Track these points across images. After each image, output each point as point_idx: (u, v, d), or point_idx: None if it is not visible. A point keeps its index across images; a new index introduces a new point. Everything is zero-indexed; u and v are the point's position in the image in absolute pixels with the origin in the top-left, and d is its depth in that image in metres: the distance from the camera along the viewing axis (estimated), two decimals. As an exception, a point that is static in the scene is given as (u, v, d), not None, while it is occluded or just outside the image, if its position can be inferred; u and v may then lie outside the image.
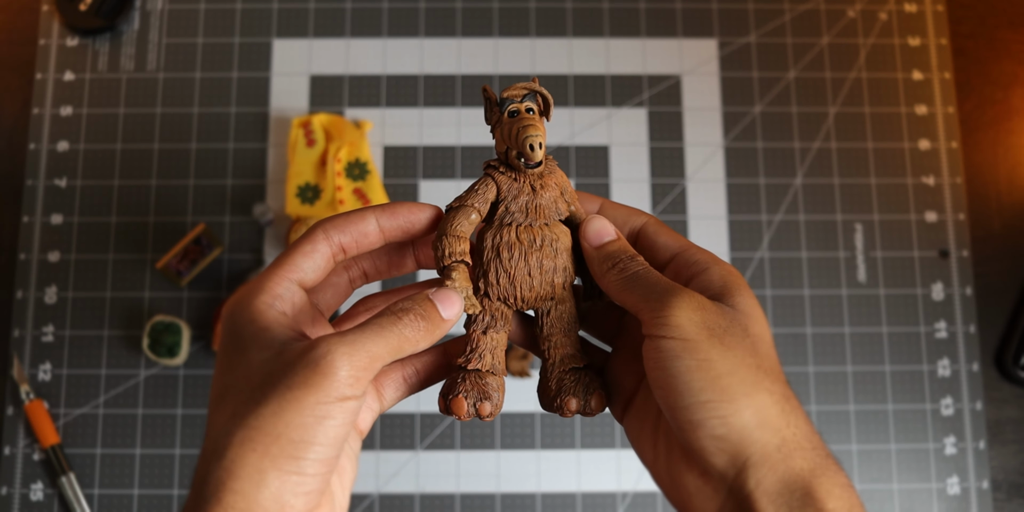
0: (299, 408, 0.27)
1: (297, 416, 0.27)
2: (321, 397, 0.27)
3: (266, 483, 0.27)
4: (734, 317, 0.30)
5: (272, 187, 0.69)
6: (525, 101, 0.33)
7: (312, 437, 0.28)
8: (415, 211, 0.33)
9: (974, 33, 0.73)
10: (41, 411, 0.64)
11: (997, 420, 0.66)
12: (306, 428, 0.27)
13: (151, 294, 0.67)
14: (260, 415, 0.27)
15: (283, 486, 0.27)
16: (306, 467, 0.28)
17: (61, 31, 0.71)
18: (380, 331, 0.29)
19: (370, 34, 0.72)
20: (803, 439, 0.29)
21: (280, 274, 0.31)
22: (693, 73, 0.72)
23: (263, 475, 0.27)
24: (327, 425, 0.28)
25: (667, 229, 0.35)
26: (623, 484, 0.64)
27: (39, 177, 0.69)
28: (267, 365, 0.29)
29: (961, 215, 0.69)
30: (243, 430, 0.27)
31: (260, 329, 0.30)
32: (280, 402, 0.27)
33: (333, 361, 0.28)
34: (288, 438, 0.27)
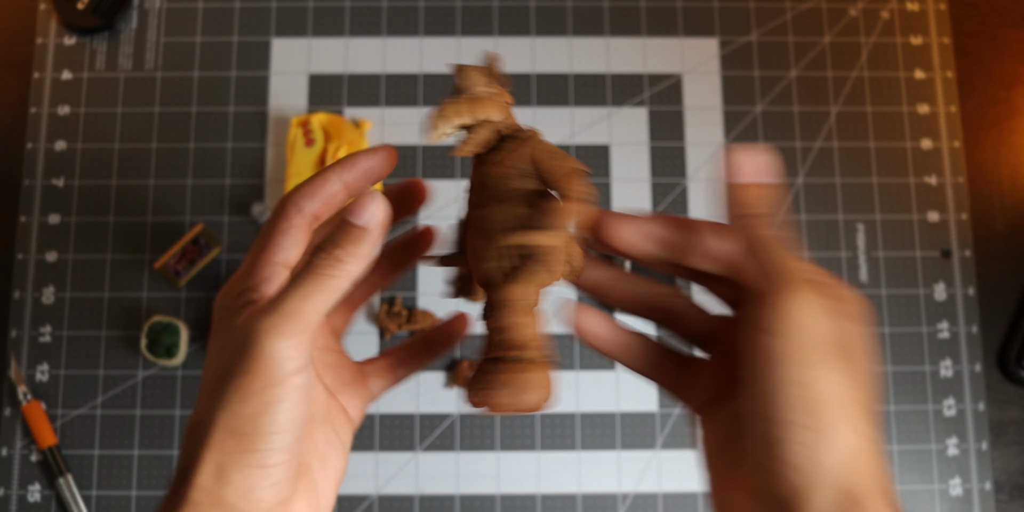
0: (244, 398, 0.26)
1: (244, 407, 0.26)
2: (260, 382, 0.26)
3: (227, 479, 0.26)
4: (864, 343, 0.27)
5: (271, 187, 0.68)
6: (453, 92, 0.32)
7: (265, 427, 0.26)
8: (371, 156, 0.31)
9: (977, 32, 0.72)
10: (39, 412, 0.63)
11: (1000, 421, 0.65)
12: (256, 418, 0.26)
13: (149, 294, 0.66)
14: (211, 410, 0.27)
15: (246, 480, 0.27)
16: (266, 458, 0.27)
17: (58, 30, 0.71)
18: (297, 286, 0.27)
19: (369, 33, 0.71)
20: (881, 492, 0.25)
21: (265, 258, 0.29)
22: (694, 72, 0.71)
23: (223, 471, 0.26)
24: (277, 410, 0.26)
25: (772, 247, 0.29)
26: (624, 485, 0.64)
27: (36, 177, 0.68)
28: (223, 353, 0.27)
29: (963, 215, 0.69)
30: (200, 427, 0.27)
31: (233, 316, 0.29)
32: (225, 395, 0.26)
33: (260, 340, 0.26)
34: (241, 431, 0.26)
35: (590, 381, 0.65)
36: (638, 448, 0.64)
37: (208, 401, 0.27)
